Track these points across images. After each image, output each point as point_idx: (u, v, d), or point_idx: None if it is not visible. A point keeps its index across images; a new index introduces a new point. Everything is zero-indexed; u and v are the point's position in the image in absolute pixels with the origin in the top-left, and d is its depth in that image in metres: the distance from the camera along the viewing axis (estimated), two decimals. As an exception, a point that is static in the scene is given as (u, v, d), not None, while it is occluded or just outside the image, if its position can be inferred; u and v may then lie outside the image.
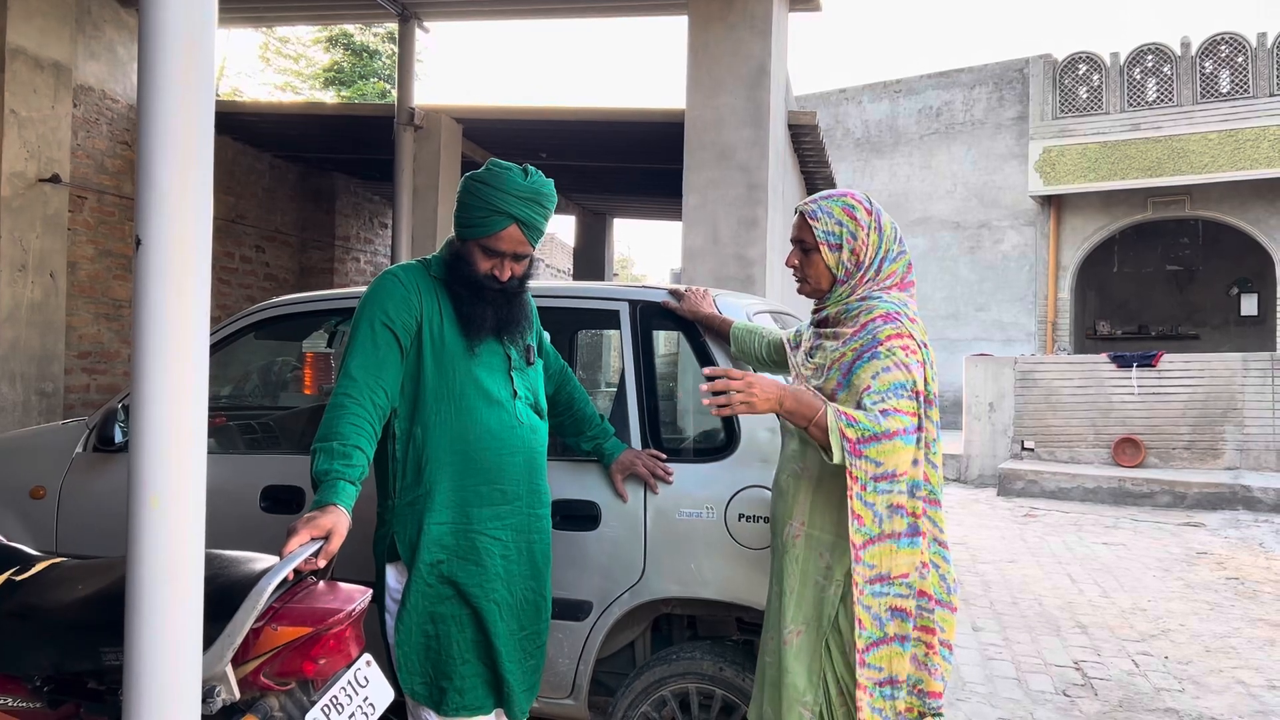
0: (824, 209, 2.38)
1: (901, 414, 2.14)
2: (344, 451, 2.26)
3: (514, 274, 2.54)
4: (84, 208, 8.00)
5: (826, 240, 2.36)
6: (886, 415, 2.13)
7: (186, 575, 1.56)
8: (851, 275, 2.36)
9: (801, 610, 2.34)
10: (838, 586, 2.29)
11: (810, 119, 8.24)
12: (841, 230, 2.35)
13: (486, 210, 2.45)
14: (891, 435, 2.11)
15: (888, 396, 2.15)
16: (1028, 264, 16.61)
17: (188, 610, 1.56)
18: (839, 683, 2.29)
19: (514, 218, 2.45)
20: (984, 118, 17.01)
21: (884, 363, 2.18)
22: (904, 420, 2.13)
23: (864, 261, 2.35)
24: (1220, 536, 8.45)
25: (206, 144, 1.54)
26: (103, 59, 8.19)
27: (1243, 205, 14.87)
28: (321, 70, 20.99)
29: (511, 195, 2.45)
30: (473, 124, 9.11)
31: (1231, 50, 14.62)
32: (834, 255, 2.36)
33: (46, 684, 2.15)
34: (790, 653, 2.33)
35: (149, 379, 1.51)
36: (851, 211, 2.37)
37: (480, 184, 2.48)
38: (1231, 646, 5.16)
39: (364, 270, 11.95)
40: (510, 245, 2.49)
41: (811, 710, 2.30)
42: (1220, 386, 10.87)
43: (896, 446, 2.12)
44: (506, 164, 2.51)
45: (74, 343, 7.90)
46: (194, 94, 1.50)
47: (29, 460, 3.72)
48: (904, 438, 2.13)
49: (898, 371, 2.17)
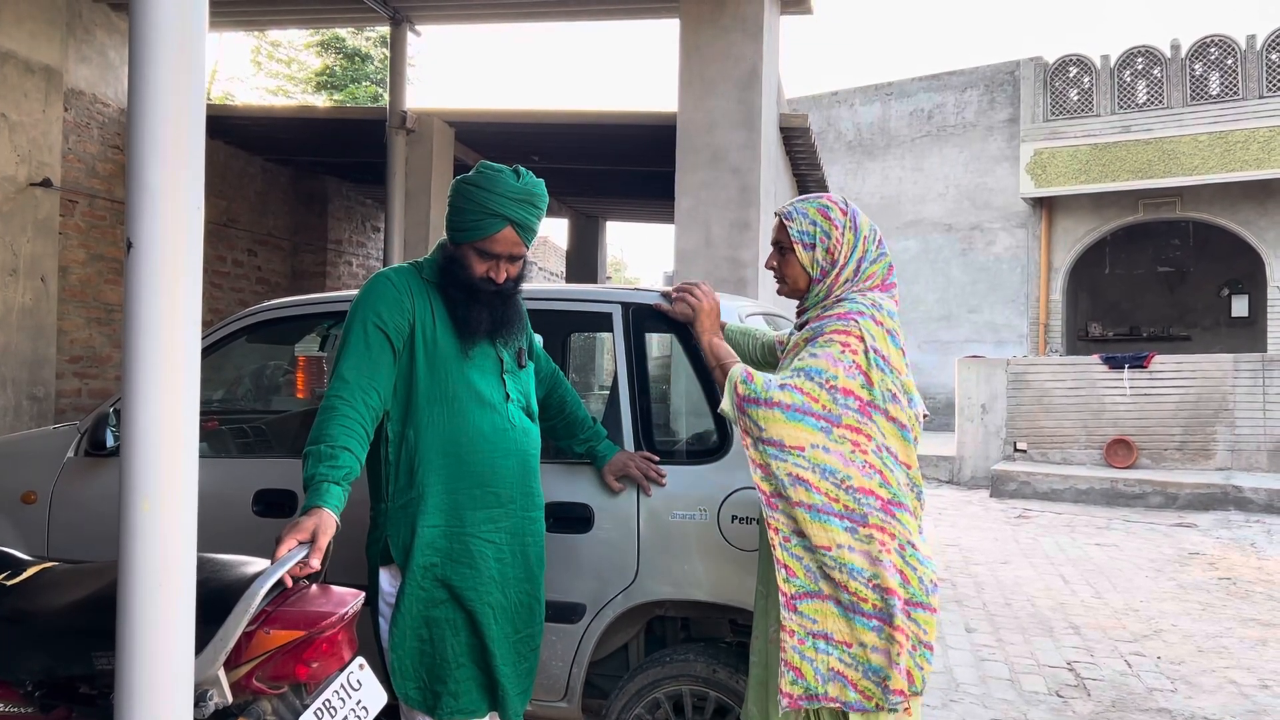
0: (799, 210, 2.47)
1: (798, 392, 2.23)
2: (331, 453, 2.25)
3: (509, 275, 2.54)
4: (75, 212, 7.98)
5: (800, 239, 2.43)
6: (784, 388, 2.24)
7: (178, 579, 1.56)
8: (827, 274, 2.42)
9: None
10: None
11: (802, 121, 8.26)
12: (815, 229, 2.42)
13: (480, 213, 2.45)
14: (773, 404, 2.23)
15: (796, 375, 2.25)
16: (1019, 266, 16.66)
17: (180, 614, 1.56)
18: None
19: (508, 219, 2.45)
20: (975, 120, 17.06)
21: (814, 349, 2.28)
22: (796, 398, 2.23)
23: (839, 260, 2.40)
24: (1212, 537, 8.48)
25: (197, 146, 1.54)
26: (94, 63, 8.17)
27: (1233, 207, 14.94)
28: (313, 74, 20.97)
29: (505, 197, 2.44)
30: (465, 127, 9.10)
31: (1221, 52, 14.69)
32: (808, 254, 2.43)
33: (38, 689, 2.15)
34: (775, 652, 2.35)
35: (140, 383, 1.51)
36: (826, 212, 2.44)
37: (473, 187, 2.47)
38: (1224, 646, 5.17)
39: (356, 274, 11.93)
40: (505, 247, 2.49)
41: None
42: (1211, 387, 10.91)
43: (776, 417, 2.22)
44: (498, 166, 2.50)
45: (65, 347, 7.87)
46: (184, 96, 1.51)
47: (20, 465, 3.70)
48: (790, 413, 2.22)
49: (822, 360, 2.25)
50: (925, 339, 16.91)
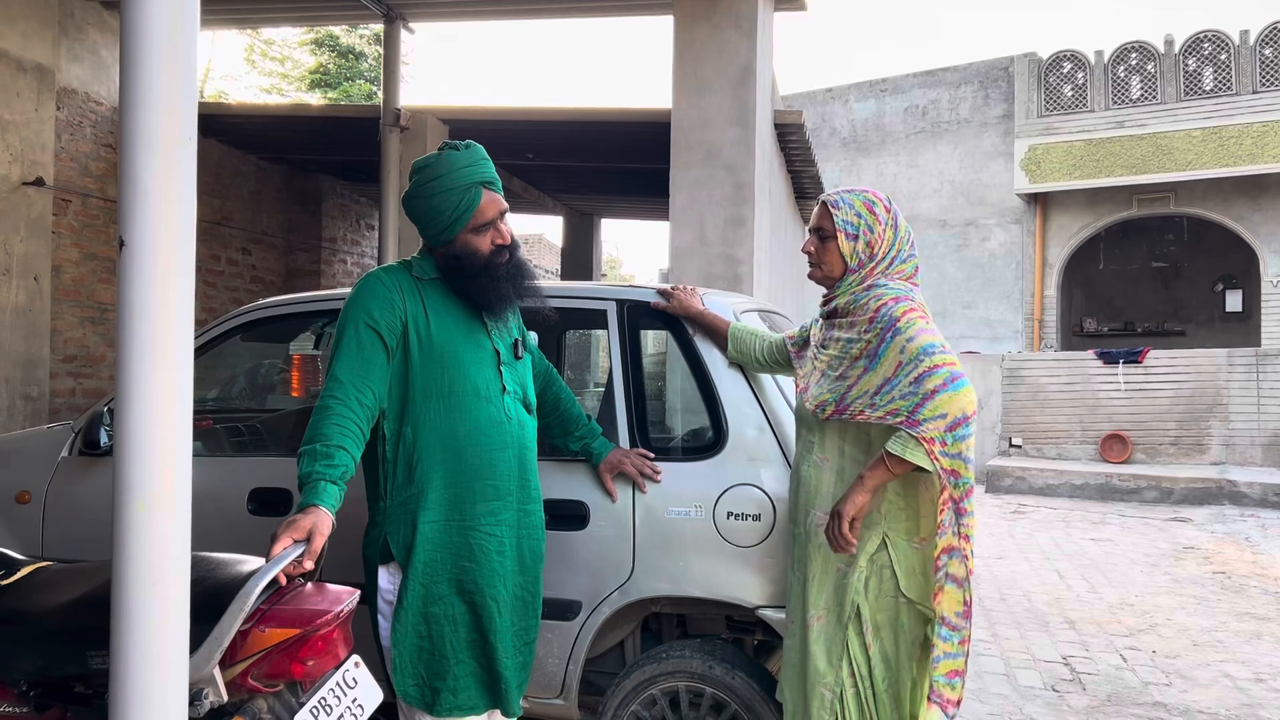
0: (846, 200, 2.54)
1: (939, 369, 2.25)
2: (326, 452, 2.25)
3: (510, 233, 2.58)
4: (68, 211, 7.95)
5: (845, 229, 2.50)
6: (921, 381, 2.25)
7: (173, 578, 1.55)
8: (863, 266, 2.50)
9: (823, 596, 2.47)
10: (860, 574, 2.40)
11: (797, 118, 8.25)
12: (860, 222, 2.49)
13: (457, 194, 2.47)
14: (933, 394, 2.24)
15: (920, 360, 2.28)
16: (1014, 262, 16.68)
17: (174, 613, 1.56)
18: (852, 665, 2.41)
19: (480, 183, 2.49)
20: (970, 116, 17.07)
21: (908, 334, 2.32)
22: (942, 374, 2.24)
23: (877, 254, 2.49)
24: (1207, 531, 8.50)
25: (189, 144, 1.53)
26: (86, 61, 8.14)
27: (1226, 202, 14.97)
28: (307, 72, 20.92)
29: (464, 168, 2.48)
30: (459, 125, 9.08)
31: (1214, 48, 14.72)
32: (850, 244, 2.50)
33: (33, 688, 2.14)
34: (812, 636, 2.45)
35: (133, 382, 1.50)
36: (871, 206, 2.51)
37: (435, 180, 2.48)
38: (1218, 640, 5.19)
39: (351, 272, 11.91)
40: (494, 208, 2.53)
41: (832, 690, 2.42)
42: (1206, 382, 10.93)
43: (940, 401, 2.23)
44: (433, 154, 2.54)
45: (59, 347, 7.85)
46: (176, 94, 1.50)
47: (14, 465, 3.69)
48: (950, 387, 2.23)
49: (923, 336, 2.31)
50: (920, 335, 16.91)
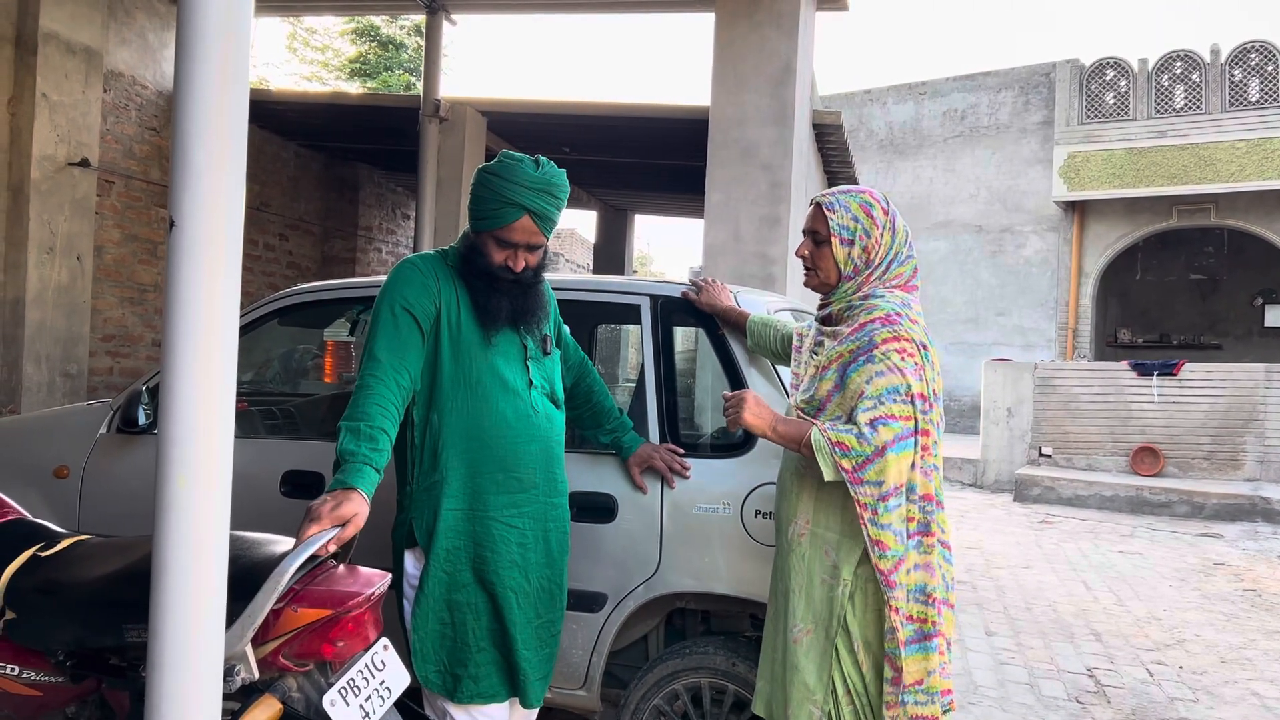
0: (841, 203, 2.40)
1: (894, 420, 2.18)
2: (370, 434, 2.28)
3: (528, 265, 2.56)
4: (111, 192, 8.06)
5: (840, 234, 2.38)
6: (875, 427, 2.17)
7: (211, 555, 1.58)
8: (859, 272, 2.38)
9: (811, 609, 2.35)
10: (845, 586, 2.30)
11: (835, 119, 8.21)
12: (856, 226, 2.37)
13: (499, 202, 2.47)
14: (883, 451, 2.16)
15: (881, 401, 2.19)
16: (1050, 270, 16.51)
17: (211, 589, 1.59)
18: (846, 682, 2.30)
19: (525, 209, 2.47)
20: (1009, 121, 16.90)
21: (878, 367, 2.21)
22: (896, 427, 2.17)
23: (874, 260, 2.37)
24: (1238, 548, 8.39)
25: (241, 128, 1.57)
26: (133, 45, 8.25)
27: (1269, 215, 14.72)
28: (347, 61, 21.07)
29: (523, 187, 2.46)
30: (497, 117, 9.12)
31: (1261, 58, 14.48)
32: (845, 250, 2.37)
33: (69, 659, 2.18)
34: (800, 651, 2.34)
35: (179, 359, 1.53)
36: (868, 209, 2.38)
37: (492, 176, 2.49)
38: (1247, 658, 5.13)
39: (386, 260, 11.99)
40: (523, 236, 2.50)
41: (820, 708, 2.31)
42: (1242, 397, 10.77)
43: (888, 461, 2.16)
44: (518, 155, 2.52)
45: (98, 326, 7.96)
46: (230, 79, 1.54)
47: (53, 440, 3.76)
48: (897, 447, 2.17)
49: (892, 375, 2.20)
50: (952, 341, 16.81)
